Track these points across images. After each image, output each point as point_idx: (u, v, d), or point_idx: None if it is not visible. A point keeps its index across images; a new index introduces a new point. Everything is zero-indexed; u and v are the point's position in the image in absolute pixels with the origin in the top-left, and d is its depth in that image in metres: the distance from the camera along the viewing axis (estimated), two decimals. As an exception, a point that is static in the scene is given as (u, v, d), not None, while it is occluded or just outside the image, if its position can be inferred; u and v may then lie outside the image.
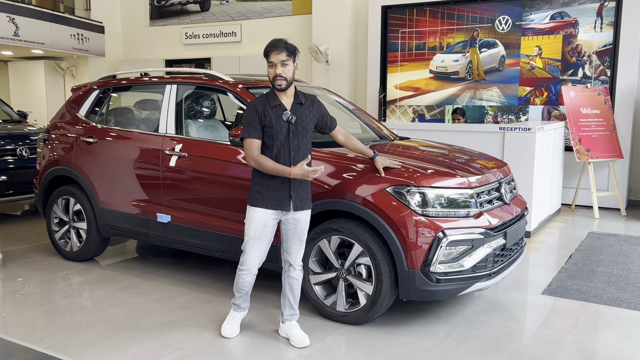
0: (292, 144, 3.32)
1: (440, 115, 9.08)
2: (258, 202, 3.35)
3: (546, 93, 8.19)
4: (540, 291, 4.48)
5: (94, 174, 4.94)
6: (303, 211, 3.41)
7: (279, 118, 3.29)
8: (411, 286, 3.53)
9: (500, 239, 3.76)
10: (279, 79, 3.24)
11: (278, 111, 3.30)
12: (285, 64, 3.24)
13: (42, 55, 12.00)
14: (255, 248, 3.42)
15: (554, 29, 8.04)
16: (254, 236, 3.39)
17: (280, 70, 3.22)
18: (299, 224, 3.42)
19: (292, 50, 3.28)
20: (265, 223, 3.37)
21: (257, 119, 3.29)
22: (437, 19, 8.87)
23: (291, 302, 3.54)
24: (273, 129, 3.28)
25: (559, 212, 7.52)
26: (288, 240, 3.45)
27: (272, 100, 3.33)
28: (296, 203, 3.36)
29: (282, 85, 3.25)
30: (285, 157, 3.31)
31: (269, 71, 3.27)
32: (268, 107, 3.30)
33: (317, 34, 9.93)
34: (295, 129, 3.32)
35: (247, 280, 3.50)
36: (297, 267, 3.49)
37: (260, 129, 3.30)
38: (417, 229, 3.50)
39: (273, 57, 3.23)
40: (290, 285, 3.51)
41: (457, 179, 3.71)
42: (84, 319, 3.89)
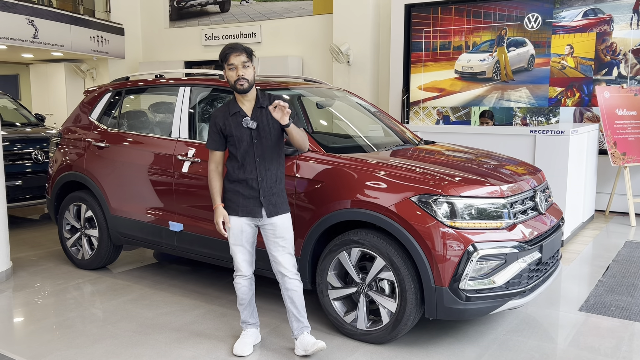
0: (256, 150, 3.22)
1: (466, 117, 8.75)
2: (230, 210, 3.29)
3: (578, 94, 7.81)
4: (577, 307, 4.16)
5: (105, 180, 4.76)
6: (279, 216, 3.26)
7: (239, 125, 3.21)
8: (438, 304, 3.25)
9: (536, 252, 3.46)
10: (241, 81, 3.15)
11: (238, 118, 3.22)
12: (246, 66, 3.16)
13: (63, 58, 11.96)
14: (240, 254, 3.34)
15: (586, 26, 7.66)
16: (234, 243, 3.33)
17: (242, 72, 3.15)
18: (277, 229, 3.27)
19: (250, 52, 3.22)
20: (241, 229, 3.29)
21: (215, 129, 3.27)
22: (463, 17, 8.55)
23: (296, 315, 3.33)
24: (234, 137, 3.22)
25: (593, 219, 7.14)
26: (270, 248, 3.31)
27: (232, 107, 3.26)
28: (269, 209, 3.24)
29: (244, 85, 3.16)
30: (251, 165, 3.22)
31: (229, 74, 3.18)
32: (228, 116, 3.24)
33: (338, 34, 9.67)
34: (257, 135, 3.21)
35: (244, 285, 3.38)
36: (292, 275, 3.29)
37: (220, 140, 3.28)
38: (444, 241, 3.22)
39: (233, 59, 3.15)
40: (290, 298, 3.31)
41: (488, 188, 3.42)
42: (90, 334, 3.69)
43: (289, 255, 3.30)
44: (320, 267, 3.64)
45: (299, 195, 3.68)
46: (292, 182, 3.70)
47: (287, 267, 3.28)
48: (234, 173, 3.26)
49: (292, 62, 10.47)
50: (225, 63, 3.17)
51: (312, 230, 3.62)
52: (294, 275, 3.30)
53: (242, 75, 3.14)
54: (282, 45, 10.88)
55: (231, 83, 3.18)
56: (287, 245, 3.29)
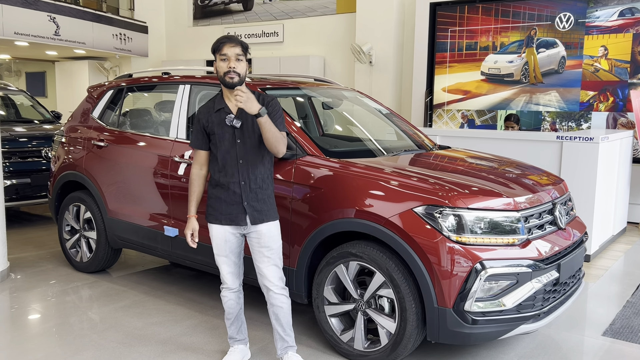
0: (239, 151, 2.95)
1: (492, 121, 8.36)
2: (212, 218, 3.05)
3: (612, 98, 7.35)
4: (601, 331, 3.80)
5: (103, 180, 4.59)
6: (264, 224, 3.00)
7: (222, 123, 2.96)
8: (441, 327, 2.95)
9: (553, 272, 3.13)
10: (231, 74, 2.86)
11: (222, 115, 2.96)
12: (240, 59, 2.90)
13: (87, 56, 11.98)
14: (224, 265, 3.10)
15: (622, 26, 7.20)
16: (218, 253, 3.09)
17: (234, 64, 2.87)
18: (262, 237, 3.00)
19: (246, 47, 2.96)
20: (225, 239, 3.05)
21: (199, 127, 3.03)
22: (490, 16, 8.17)
23: (281, 334, 3.08)
24: (216, 135, 2.97)
25: (624, 232, 6.69)
26: (255, 258, 3.05)
27: (218, 103, 3.01)
28: (253, 216, 2.98)
29: (234, 79, 2.86)
30: (233, 167, 2.96)
31: (219, 65, 2.89)
32: (212, 112, 2.99)
33: (361, 33, 9.39)
34: (241, 135, 2.95)
35: (230, 298, 3.13)
36: (277, 289, 3.03)
37: (203, 139, 3.04)
38: (449, 258, 2.92)
39: (227, 49, 2.88)
40: (275, 315, 3.05)
41: (500, 199, 3.10)
42: (73, 344, 3.50)
43: (275, 267, 3.03)
44: (316, 280, 3.37)
45: (295, 202, 3.42)
46: (289, 188, 3.45)
47: (272, 280, 3.02)
48: (215, 176, 3.02)
49: (314, 62, 10.23)
50: (217, 53, 2.91)
51: (308, 240, 3.36)
52: (281, 290, 3.03)
53: (233, 68, 2.87)
54: (304, 44, 10.65)
55: (220, 75, 2.91)
56: (272, 255, 3.02)
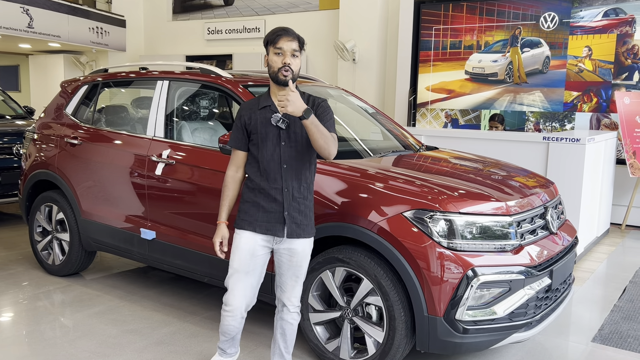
0: (283, 154, 2.67)
1: (476, 121, 8.29)
2: (245, 224, 2.72)
3: (596, 99, 7.33)
4: (590, 337, 3.72)
5: (76, 180, 4.38)
6: (300, 239, 2.73)
7: (266, 122, 2.68)
8: (431, 336, 2.84)
9: (545, 278, 3.03)
10: (285, 70, 2.59)
11: (267, 113, 2.68)
12: (295, 55, 2.63)
13: (61, 49, 11.63)
14: (241, 284, 2.75)
15: (606, 27, 7.18)
16: (238, 268, 2.74)
17: (289, 60, 2.60)
18: (295, 256, 2.74)
19: (303, 42, 2.69)
20: (253, 252, 2.72)
21: (239, 124, 2.74)
22: (475, 15, 8.09)
23: (282, 350, 2.89)
24: (258, 135, 2.68)
25: (608, 234, 6.67)
26: (282, 274, 2.80)
27: (263, 101, 2.73)
28: (291, 228, 2.70)
29: (287, 77, 2.59)
30: (276, 171, 2.67)
31: (273, 59, 2.61)
32: (256, 109, 2.71)
33: (344, 30, 9.25)
34: (287, 136, 2.67)
35: (232, 324, 2.83)
36: (293, 308, 2.83)
37: (243, 138, 2.75)
38: (440, 264, 2.81)
39: (283, 42, 2.60)
40: (283, 330, 2.86)
41: (493, 204, 3.00)
42: (42, 355, 3.30)
43: (300, 287, 2.84)
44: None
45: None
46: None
47: (292, 301, 2.82)
48: (255, 179, 2.71)
49: (296, 58, 10.05)
50: (272, 45, 2.61)
51: (293, 245, 3.21)
52: (297, 309, 2.85)
53: (288, 64, 2.59)
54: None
55: (273, 70, 2.62)
56: (301, 275, 2.81)
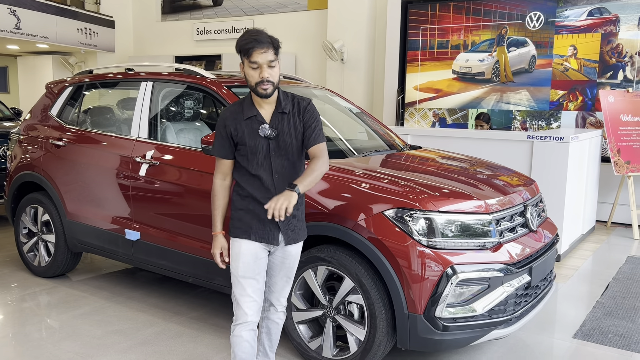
0: (274, 164, 2.57)
1: (463, 120, 8.34)
2: (241, 232, 2.61)
3: (581, 97, 7.40)
4: (572, 333, 3.77)
5: (61, 181, 4.39)
6: (295, 245, 2.70)
7: (254, 133, 2.56)
8: (412, 333, 2.87)
9: (525, 275, 3.07)
10: (265, 84, 2.48)
11: (254, 124, 2.57)
12: (273, 66, 2.49)
13: (50, 50, 11.59)
14: (250, 289, 2.59)
15: (591, 26, 7.24)
16: (244, 275, 2.58)
17: (267, 74, 2.47)
18: (288, 258, 2.71)
19: (278, 46, 2.54)
20: (256, 255, 2.60)
21: (225, 133, 2.60)
22: (462, 14, 8.14)
23: (266, 348, 2.87)
24: (247, 147, 2.56)
25: (593, 231, 6.73)
26: (273, 275, 2.73)
27: (248, 110, 2.59)
28: (287, 235, 2.62)
29: (268, 90, 2.50)
30: (268, 181, 2.57)
31: (249, 73, 2.49)
32: (241, 120, 2.58)
33: (333, 30, 9.28)
34: (276, 146, 2.58)
35: (246, 338, 2.62)
36: (280, 308, 2.80)
37: (229, 148, 2.61)
38: (420, 262, 2.84)
39: (257, 56, 2.46)
40: (268, 329, 2.82)
41: (472, 202, 3.03)
42: (26, 355, 3.32)
43: (289, 287, 2.80)
44: (283, 285, 3.25)
45: (261, 205, 3.29)
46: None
47: (281, 301, 2.78)
48: (247, 188, 2.60)
49: (285, 58, 10.07)
50: (246, 58, 2.47)
51: (275, 244, 3.23)
52: (284, 308, 2.81)
53: (266, 78, 2.47)
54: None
55: (251, 85, 2.51)
56: (292, 276, 2.78)
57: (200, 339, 3.56)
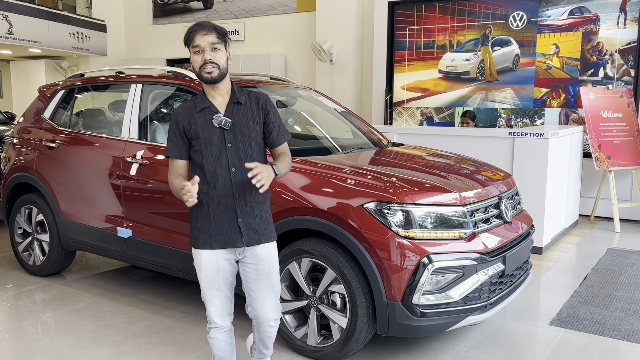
0: (230, 157, 2.48)
1: (450, 118, 8.51)
2: (200, 243, 2.54)
3: (564, 95, 7.57)
4: (548, 321, 3.92)
5: (55, 182, 4.52)
6: (261, 245, 2.58)
7: (207, 124, 2.49)
8: (391, 320, 3.01)
9: (499, 264, 3.22)
10: (208, 67, 2.42)
11: (207, 115, 2.50)
12: (216, 48, 2.44)
13: (43, 55, 11.70)
14: (216, 299, 2.58)
15: (572, 25, 7.42)
16: (207, 286, 2.57)
17: (209, 56, 2.42)
18: (261, 263, 2.58)
19: (223, 33, 2.49)
20: (217, 267, 2.54)
21: (177, 130, 2.52)
22: (447, 15, 8.31)
23: (261, 349, 2.86)
24: (201, 139, 2.48)
25: (577, 224, 6.90)
26: (250, 289, 2.61)
27: (200, 102, 2.53)
28: (249, 236, 2.53)
29: (213, 74, 2.43)
30: (224, 176, 2.48)
31: (193, 59, 2.45)
32: (194, 113, 2.51)
33: (321, 31, 9.43)
34: (233, 137, 2.49)
35: (221, 339, 2.62)
36: (273, 323, 2.67)
37: (184, 145, 2.53)
38: (397, 252, 2.98)
39: (199, 39, 2.41)
40: (261, 340, 2.76)
41: (448, 195, 3.18)
42: (23, 348, 3.44)
43: (275, 298, 2.65)
44: (269, 278, 3.39)
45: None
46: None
47: (271, 315, 2.63)
48: (202, 189, 2.48)
49: (275, 60, 10.22)
50: (189, 46, 2.45)
51: (261, 238, 3.37)
52: (276, 322, 2.68)
53: (209, 59, 2.41)
54: (266, 43, 10.63)
55: (196, 70, 2.46)
56: (273, 283, 2.63)
57: (191, 331, 3.69)
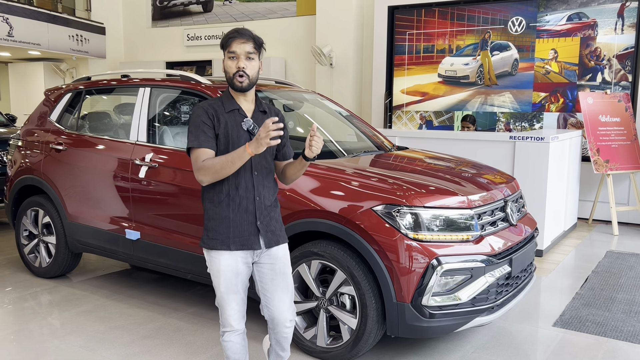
0: (254, 161, 2.53)
1: (449, 122, 8.58)
2: (217, 243, 2.53)
3: (562, 99, 7.66)
4: (552, 322, 3.98)
5: (62, 185, 4.54)
6: (279, 246, 2.63)
7: (237, 126, 2.52)
8: (400, 321, 3.06)
9: (505, 266, 3.28)
10: (241, 77, 2.48)
11: (236, 117, 2.54)
12: (251, 58, 2.49)
13: (42, 57, 11.71)
14: (234, 303, 2.58)
15: (571, 30, 7.51)
16: (227, 290, 2.55)
17: (243, 64, 2.47)
18: (277, 262, 2.61)
19: (260, 43, 2.55)
20: (236, 271, 2.55)
21: (209, 123, 2.50)
22: (447, 19, 8.39)
23: (278, 352, 2.79)
24: (229, 139, 2.51)
25: (575, 228, 6.98)
26: (266, 289, 2.63)
27: (229, 104, 2.56)
28: (267, 237, 2.58)
29: (243, 83, 2.49)
30: (247, 179, 2.53)
31: (227, 64, 2.50)
32: (223, 112, 2.54)
33: (321, 35, 9.49)
34: None
35: (236, 341, 2.63)
36: (288, 324, 2.66)
37: (213, 137, 2.50)
38: (407, 255, 3.03)
39: (236, 46, 2.47)
40: (277, 341, 2.74)
41: (456, 198, 3.23)
42: (33, 350, 3.47)
43: (290, 299, 2.66)
44: (279, 279, 3.44)
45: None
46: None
47: (287, 316, 2.64)
48: (222, 190, 2.52)
49: (275, 63, 10.27)
50: (225, 50, 2.50)
51: (271, 240, 3.42)
52: (291, 323, 2.67)
53: (242, 68, 2.46)
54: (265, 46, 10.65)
55: (228, 76, 2.51)
56: (289, 283, 2.65)
57: (200, 332, 3.73)
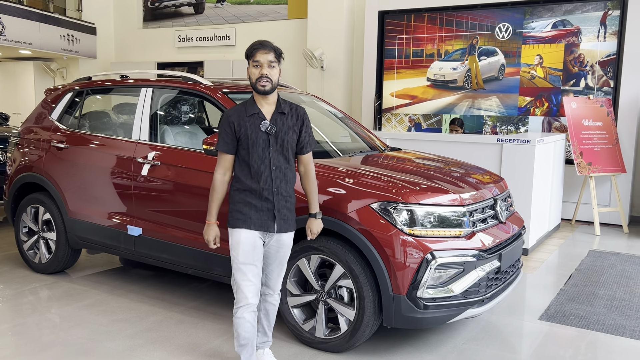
0: (272, 158, 2.96)
1: (437, 125, 8.78)
2: (240, 222, 2.97)
3: (547, 104, 7.90)
4: (538, 316, 4.17)
5: (63, 182, 4.64)
6: (287, 233, 3.08)
7: (256, 128, 2.94)
8: (396, 312, 3.22)
9: (495, 261, 3.46)
10: (263, 80, 2.90)
11: (255, 120, 2.96)
12: (272, 66, 2.91)
13: (32, 56, 11.71)
14: (250, 274, 2.97)
15: (555, 37, 7.76)
16: (244, 261, 2.96)
17: (266, 71, 2.89)
18: (282, 247, 3.08)
19: (279, 53, 2.97)
20: (254, 244, 2.98)
21: (229, 130, 2.97)
22: (436, 25, 8.59)
23: (265, 328, 3.23)
24: (248, 139, 2.94)
25: (559, 228, 7.21)
26: (269, 264, 3.10)
27: (250, 108, 2.98)
28: (280, 224, 3.02)
29: (266, 87, 2.91)
30: (266, 174, 2.96)
31: (252, 71, 2.93)
32: (244, 116, 2.96)
33: (312, 39, 9.65)
34: (275, 141, 2.97)
35: (248, 318, 2.99)
36: (276, 292, 3.18)
37: (232, 142, 2.98)
38: (403, 249, 3.19)
39: (260, 56, 2.90)
40: (266, 310, 3.19)
41: (449, 196, 3.41)
42: (40, 342, 3.57)
43: (283, 274, 3.18)
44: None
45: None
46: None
47: (277, 286, 3.16)
48: (245, 182, 2.98)
49: (266, 66, 10.38)
50: (250, 59, 2.93)
51: (272, 236, 3.56)
52: (279, 292, 3.21)
53: (265, 75, 2.88)
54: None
55: (252, 82, 2.93)
56: (285, 264, 3.16)
57: (201, 325, 3.86)
